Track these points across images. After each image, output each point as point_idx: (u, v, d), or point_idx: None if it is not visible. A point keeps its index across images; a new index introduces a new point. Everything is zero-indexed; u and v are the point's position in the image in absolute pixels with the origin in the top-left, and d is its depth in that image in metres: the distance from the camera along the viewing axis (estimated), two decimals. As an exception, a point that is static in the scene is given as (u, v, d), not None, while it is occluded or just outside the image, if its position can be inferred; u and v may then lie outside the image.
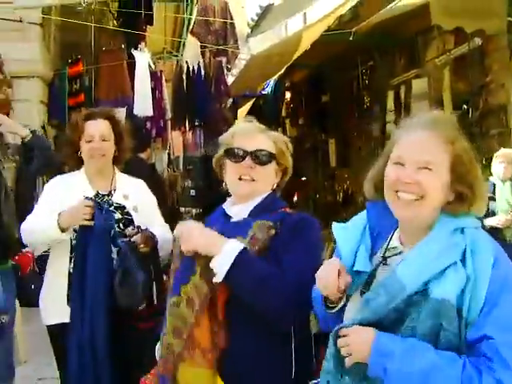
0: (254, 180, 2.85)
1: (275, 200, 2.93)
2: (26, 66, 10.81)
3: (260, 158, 2.85)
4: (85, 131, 3.89)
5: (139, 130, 10.47)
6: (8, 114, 10.12)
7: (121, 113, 11.05)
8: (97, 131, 3.86)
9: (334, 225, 2.41)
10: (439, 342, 1.91)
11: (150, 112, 10.76)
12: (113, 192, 3.92)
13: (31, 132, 4.34)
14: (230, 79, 12.37)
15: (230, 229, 2.76)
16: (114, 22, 12.23)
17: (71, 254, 3.81)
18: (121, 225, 3.84)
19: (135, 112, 10.53)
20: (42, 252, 4.52)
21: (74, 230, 3.76)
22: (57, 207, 3.80)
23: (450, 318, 1.90)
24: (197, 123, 11.88)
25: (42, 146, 4.24)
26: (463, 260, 1.95)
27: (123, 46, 11.11)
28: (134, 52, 10.74)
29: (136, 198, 3.94)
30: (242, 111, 16.74)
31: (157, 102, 11.12)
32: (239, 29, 12.09)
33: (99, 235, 3.67)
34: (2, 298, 3.80)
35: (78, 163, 4.04)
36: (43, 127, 11.09)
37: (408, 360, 1.89)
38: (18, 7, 9.71)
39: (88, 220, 3.66)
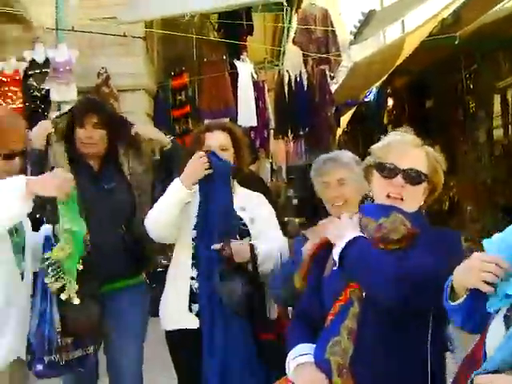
0: (402, 199, 2.70)
1: (418, 217, 2.76)
2: (130, 79, 11.06)
3: (412, 177, 2.70)
4: (205, 143, 3.89)
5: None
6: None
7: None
8: (215, 142, 3.85)
9: (486, 241, 2.15)
10: None
11: (254, 122, 10.77)
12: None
13: (171, 141, 4.42)
14: (332, 88, 12.28)
15: None
16: (215, 33, 12.36)
17: (193, 259, 3.78)
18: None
19: (239, 123, 10.50)
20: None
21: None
22: None
23: None
24: (300, 132, 11.79)
25: (178, 156, 4.27)
26: None
27: (224, 56, 11.19)
28: (237, 62, 10.79)
29: (253, 210, 3.89)
30: (345, 119, 16.66)
31: (260, 111, 11.11)
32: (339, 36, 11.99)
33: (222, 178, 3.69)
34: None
35: None
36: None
37: None
38: (121, 22, 9.92)
39: (207, 169, 3.65)
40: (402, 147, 2.78)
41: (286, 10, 11.33)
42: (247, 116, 10.60)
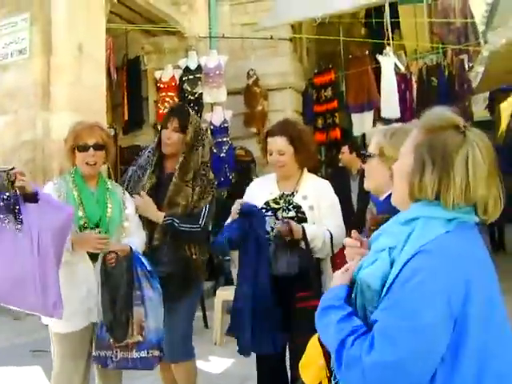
0: None
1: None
2: (278, 78, 11.76)
3: None
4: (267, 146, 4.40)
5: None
6: (264, 125, 11.13)
7: (368, 116, 11.56)
8: (274, 146, 4.34)
9: None
10: (367, 319, 1.98)
11: (397, 114, 11.00)
12: (295, 193, 4.34)
13: None
14: (472, 76, 12.18)
15: None
16: (362, 29, 12.65)
17: None
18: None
19: (383, 115, 10.84)
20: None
21: None
22: (250, 199, 4.35)
23: (369, 300, 1.98)
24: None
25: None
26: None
27: (368, 52, 11.53)
28: (379, 57, 11.09)
29: (315, 198, 4.33)
30: (504, 107, 16.21)
31: (407, 103, 11.39)
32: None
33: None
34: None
35: None
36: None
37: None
38: (261, 28, 10.59)
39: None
40: None
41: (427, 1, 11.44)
42: (390, 108, 10.86)
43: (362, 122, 11.56)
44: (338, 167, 9.02)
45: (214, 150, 10.80)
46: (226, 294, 6.83)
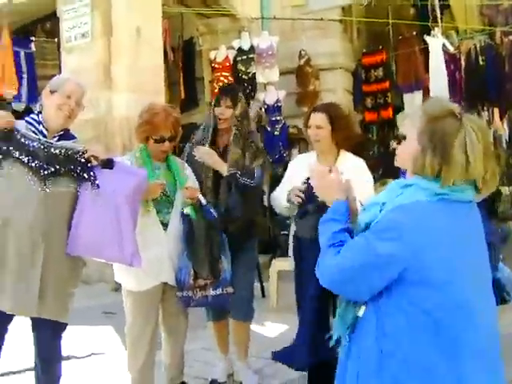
0: None
1: None
2: (329, 59, 12.05)
3: None
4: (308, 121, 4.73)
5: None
6: (315, 104, 11.37)
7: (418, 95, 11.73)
8: (313, 121, 4.66)
9: None
10: None
11: (446, 93, 11.14)
12: (333, 168, 4.62)
13: None
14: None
15: None
16: (411, 10, 12.77)
17: None
18: None
19: (432, 94, 10.99)
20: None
21: None
22: (291, 178, 4.73)
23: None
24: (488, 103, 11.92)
25: None
26: None
27: (416, 33, 11.70)
28: (427, 38, 11.24)
29: (350, 174, 4.58)
30: None
31: (456, 83, 11.55)
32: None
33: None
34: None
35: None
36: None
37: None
38: (310, 11, 10.89)
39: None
40: None
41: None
42: (438, 88, 11.02)
43: (412, 102, 11.73)
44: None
45: (268, 129, 11.16)
46: (282, 264, 7.17)
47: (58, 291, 3.64)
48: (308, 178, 4.52)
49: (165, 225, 4.26)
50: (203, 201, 4.34)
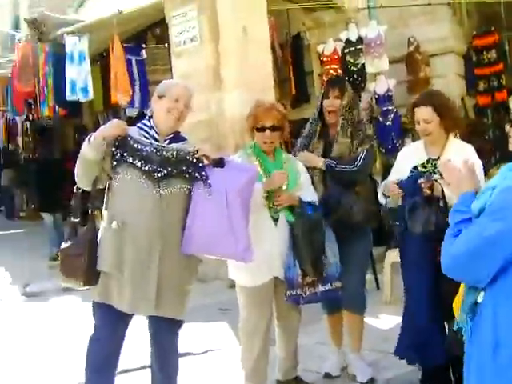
0: None
1: None
2: (439, 44, 11.79)
3: None
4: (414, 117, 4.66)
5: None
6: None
7: None
8: (420, 116, 4.58)
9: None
10: None
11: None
12: (441, 157, 4.55)
13: None
14: None
15: None
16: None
17: None
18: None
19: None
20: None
21: None
22: (399, 167, 4.74)
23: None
24: None
25: None
26: None
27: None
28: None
29: (458, 161, 4.50)
30: None
31: None
32: None
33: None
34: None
35: None
36: (462, 99, 11.89)
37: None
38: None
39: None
40: None
41: None
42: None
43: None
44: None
45: (380, 119, 11.04)
46: (396, 255, 7.08)
47: (174, 290, 3.77)
48: (415, 167, 4.52)
49: (275, 220, 4.36)
50: (304, 198, 4.41)
